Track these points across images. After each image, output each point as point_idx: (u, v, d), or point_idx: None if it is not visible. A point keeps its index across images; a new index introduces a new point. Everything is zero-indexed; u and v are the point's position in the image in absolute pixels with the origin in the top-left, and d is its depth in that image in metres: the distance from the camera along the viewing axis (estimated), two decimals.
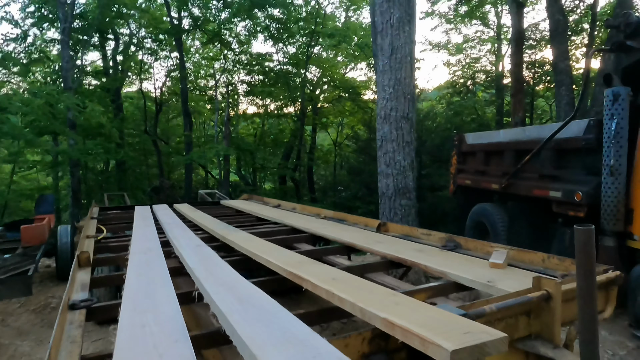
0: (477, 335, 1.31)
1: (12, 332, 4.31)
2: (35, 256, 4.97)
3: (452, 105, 18.61)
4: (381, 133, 5.29)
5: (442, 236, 3.45)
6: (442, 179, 12.97)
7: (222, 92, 19.64)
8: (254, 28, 17.34)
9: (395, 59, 4.87)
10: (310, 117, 19.22)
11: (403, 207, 5.36)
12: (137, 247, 3.34)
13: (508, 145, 5.73)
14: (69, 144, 12.57)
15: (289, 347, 1.27)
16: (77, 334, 1.78)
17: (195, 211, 5.87)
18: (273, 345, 1.28)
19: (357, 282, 2.10)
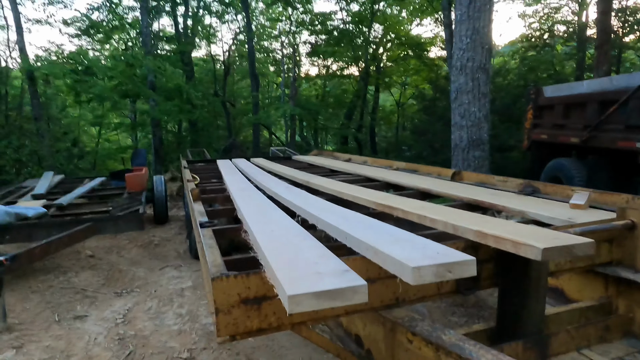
0: (566, 239, 1.50)
1: (127, 262, 5.07)
2: (140, 199, 5.69)
3: (527, 61, 17.47)
4: (456, 85, 5.27)
5: (520, 182, 3.52)
6: (512, 139, 12.51)
7: (287, 54, 19.89)
8: None
9: (473, 7, 4.77)
10: (373, 77, 19.00)
11: (477, 158, 5.39)
12: (233, 188, 3.77)
13: (592, 97, 5.48)
14: (150, 105, 13.57)
15: (400, 243, 1.53)
16: (212, 242, 2.18)
17: (272, 163, 6.31)
18: (386, 242, 1.55)
19: (443, 209, 2.33)
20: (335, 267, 1.33)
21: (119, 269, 4.75)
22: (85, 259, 5.08)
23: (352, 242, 1.68)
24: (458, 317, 3.52)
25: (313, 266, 1.35)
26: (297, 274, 1.28)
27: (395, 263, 1.33)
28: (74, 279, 4.51)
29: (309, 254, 1.51)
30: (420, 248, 1.46)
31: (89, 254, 5.17)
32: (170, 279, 4.50)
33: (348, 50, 18.46)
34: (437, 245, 1.48)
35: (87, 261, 5.01)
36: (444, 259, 1.30)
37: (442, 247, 1.46)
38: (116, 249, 5.45)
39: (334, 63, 20.26)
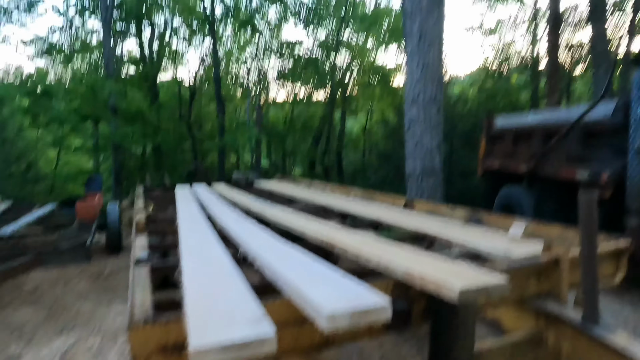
0: (484, 279, 1.55)
1: (73, 295, 4.83)
2: (90, 229, 5.48)
3: (485, 90, 18.30)
4: (409, 115, 5.46)
5: (466, 211, 3.64)
6: (473, 164, 12.94)
7: (254, 79, 20.03)
8: (284, 13, 17.55)
9: (423, 42, 5.00)
10: (340, 102, 19.36)
11: (430, 187, 5.53)
12: (184, 218, 3.70)
13: (536, 128, 5.78)
14: (111, 128, 13.27)
15: (325, 285, 1.54)
16: (146, 282, 2.12)
17: (231, 190, 6.25)
18: (311, 284, 1.55)
19: (383, 245, 2.36)
20: (252, 313, 1.32)
21: (63, 303, 4.52)
22: (27, 292, 4.81)
23: (281, 282, 1.68)
24: (409, 348, 3.53)
25: (230, 312, 1.33)
26: (211, 321, 1.26)
27: (313, 307, 1.34)
28: (12, 315, 4.26)
29: (232, 296, 1.50)
30: (342, 290, 1.47)
31: (32, 287, 4.90)
32: (118, 313, 4.32)
33: (315, 76, 18.80)
34: (359, 288, 1.49)
35: (29, 295, 4.74)
36: (359, 304, 1.31)
37: (363, 289, 1.47)
38: (63, 281, 5.20)
39: (301, 88, 20.56)
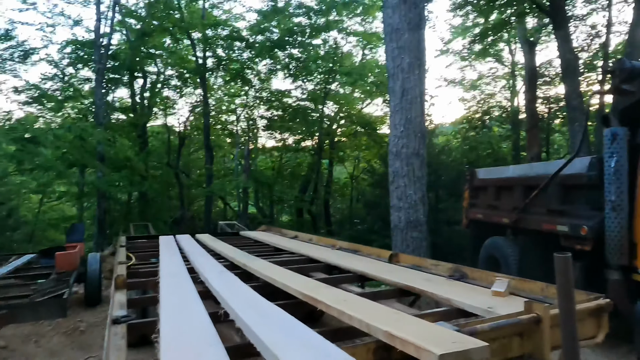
0: (464, 344, 1.54)
1: (45, 353, 4.60)
2: (68, 281, 5.32)
3: (468, 140, 18.85)
4: (393, 169, 5.60)
5: (450, 267, 3.66)
6: (458, 213, 13.07)
7: (243, 127, 20.38)
8: (274, 66, 18.18)
9: (406, 100, 5.23)
10: (327, 151, 19.69)
11: (414, 239, 5.57)
12: (165, 273, 3.64)
13: (517, 181, 5.94)
14: (97, 176, 13.20)
15: (306, 351, 1.52)
16: (122, 344, 2.06)
17: (216, 241, 6.18)
18: (292, 349, 1.53)
19: (366, 303, 2.35)
20: None
21: None
22: None
23: (261, 347, 1.65)
24: None
25: None
26: None
27: None
28: None
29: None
30: (322, 356, 1.45)
31: (1, 345, 4.66)
32: None
33: (303, 126, 19.21)
34: (339, 354, 1.47)
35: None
36: None
37: (343, 355, 1.46)
38: (35, 337, 4.96)
39: (289, 137, 20.92)
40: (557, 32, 11.76)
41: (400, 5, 5.13)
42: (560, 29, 11.53)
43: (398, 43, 5.14)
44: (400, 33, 5.11)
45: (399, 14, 5.09)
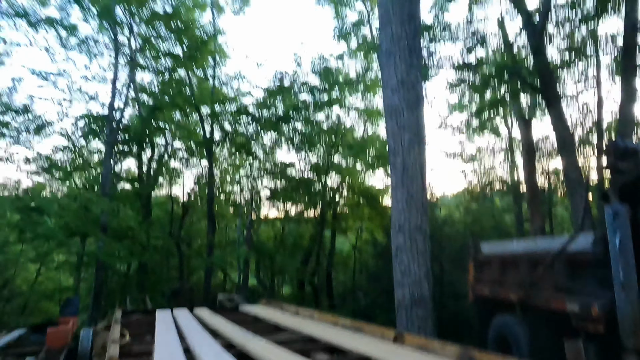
0: None
1: None
2: (58, 358, 5.07)
3: (470, 212, 18.87)
4: (396, 243, 5.57)
5: (458, 350, 3.49)
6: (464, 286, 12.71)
7: (246, 198, 20.57)
8: (279, 139, 18.79)
9: (407, 175, 5.35)
10: (330, 221, 19.66)
11: (420, 318, 5.37)
12: (159, 353, 3.49)
13: (522, 256, 5.84)
14: (98, 246, 13.11)
15: None
16: None
17: (214, 317, 5.98)
18: None
19: None
20: None
21: None
22: None
23: None
24: None
25: None
26: None
27: None
28: None
29: None
30: None
31: None
32: None
33: (306, 196, 19.38)
34: None
35: None
36: None
37: None
38: None
39: (292, 207, 21.02)
40: (551, 110, 12.25)
41: (399, 86, 5.41)
42: (553, 107, 12.02)
43: (398, 122, 5.36)
44: (399, 112, 5.35)
45: (398, 95, 5.36)
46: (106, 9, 14.43)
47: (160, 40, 16.69)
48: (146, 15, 15.97)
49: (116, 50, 15.52)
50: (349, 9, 17.33)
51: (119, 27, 15.61)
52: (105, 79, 16.47)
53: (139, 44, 16.69)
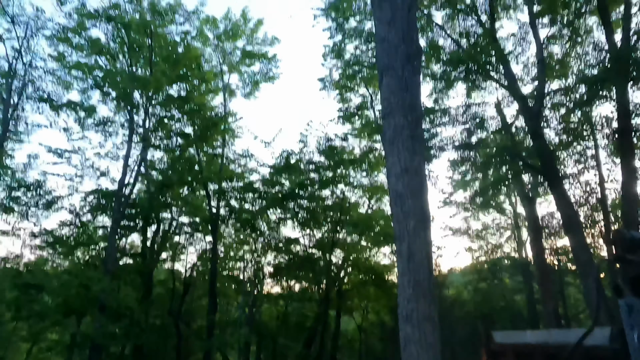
0: None
1: None
2: None
3: (479, 292, 18.30)
4: (404, 334, 5.31)
5: None
6: None
7: (249, 274, 20.18)
8: (284, 215, 18.85)
9: (413, 262, 5.25)
10: (334, 300, 19.04)
11: None
12: None
13: (537, 348, 5.56)
14: (95, 327, 12.66)
15: None
16: None
17: None
18: None
19: None
20: None
21: None
22: None
23: None
24: None
25: None
26: None
27: None
28: None
29: None
30: None
31: None
32: None
33: (310, 273, 18.98)
34: None
35: None
36: None
37: None
38: None
39: (296, 284, 20.51)
40: (553, 190, 12.37)
41: (402, 174, 5.53)
42: (555, 187, 12.14)
43: (403, 208, 5.39)
44: (404, 199, 5.40)
45: (402, 182, 5.46)
46: (125, 94, 15.33)
47: (173, 120, 17.51)
48: (162, 97, 16.92)
49: (131, 130, 16.22)
50: (353, 94, 18.34)
51: (135, 109, 16.47)
52: (118, 156, 17.04)
53: (153, 123, 17.49)
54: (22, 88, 14.66)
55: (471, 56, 13.73)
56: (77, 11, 15.43)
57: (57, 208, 16.94)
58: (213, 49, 19.18)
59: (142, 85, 15.38)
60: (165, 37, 17.00)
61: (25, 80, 14.87)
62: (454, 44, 15.64)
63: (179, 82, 16.99)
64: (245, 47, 19.35)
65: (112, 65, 16.57)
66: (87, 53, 15.95)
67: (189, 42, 17.50)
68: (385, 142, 6.47)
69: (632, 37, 12.17)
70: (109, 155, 16.99)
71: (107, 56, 16.27)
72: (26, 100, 14.77)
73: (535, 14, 13.49)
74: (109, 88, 15.72)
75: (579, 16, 13.51)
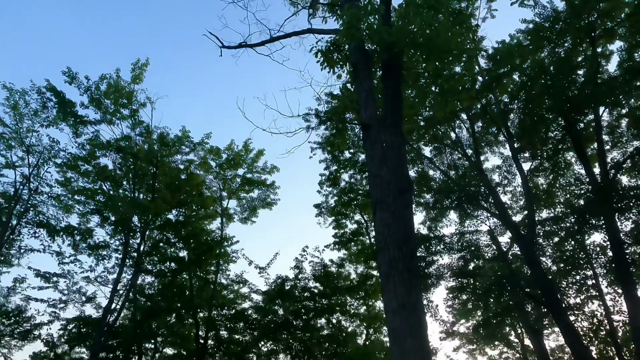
0: None
1: None
2: None
3: None
4: None
5: None
6: None
7: None
8: (276, 347, 17.60)
9: None
10: None
11: None
12: None
13: None
14: None
15: None
16: None
17: None
18: None
19: None
20: None
21: None
22: None
23: None
24: None
25: None
26: None
27: None
28: None
29: None
30: None
31: None
32: None
33: None
34: None
35: None
36: None
37: None
38: None
39: None
40: (558, 322, 11.87)
41: (400, 310, 5.42)
42: (560, 319, 11.68)
43: (402, 347, 5.16)
44: (403, 337, 5.20)
45: (400, 319, 5.32)
46: (124, 219, 15.54)
47: (168, 245, 17.42)
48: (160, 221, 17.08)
49: (124, 254, 16.04)
50: (349, 221, 18.69)
51: (132, 233, 16.51)
52: (108, 281, 16.51)
53: (148, 246, 17.36)
54: (24, 212, 14.89)
55: (461, 187, 14.40)
56: (90, 141, 16.50)
57: (33, 337, 15.85)
58: (214, 176, 20.05)
59: (142, 211, 15.69)
60: (170, 165, 17.88)
61: (28, 205, 15.19)
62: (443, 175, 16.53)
63: (178, 208, 17.37)
64: (245, 175, 20.25)
65: (115, 191, 17.10)
66: (93, 179, 16.60)
67: (192, 171, 18.36)
68: (381, 275, 6.41)
69: (610, 171, 12.99)
70: (98, 279, 16.50)
71: (111, 182, 16.90)
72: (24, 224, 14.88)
73: (516, 149, 14.56)
74: (109, 212, 15.98)
75: (557, 152, 14.56)
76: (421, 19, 7.19)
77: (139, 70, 17.22)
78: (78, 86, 16.08)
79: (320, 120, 14.24)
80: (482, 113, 15.30)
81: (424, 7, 7.47)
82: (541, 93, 12.91)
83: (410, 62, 8.64)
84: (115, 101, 16.65)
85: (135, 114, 17.19)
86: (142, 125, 17.48)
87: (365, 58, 7.59)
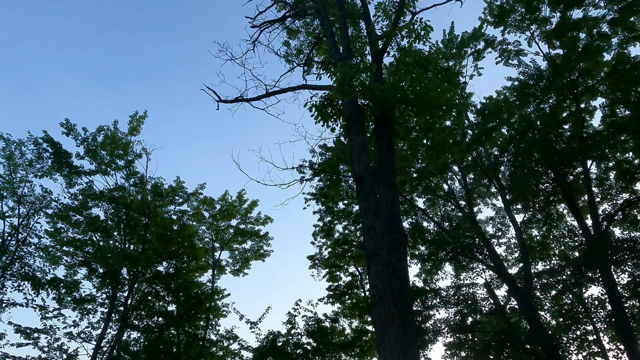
0: None
1: None
2: None
3: None
4: None
5: None
6: None
7: None
8: None
9: None
10: None
11: None
12: None
13: None
14: None
15: None
16: None
17: None
18: None
19: None
20: None
21: None
22: None
23: None
24: None
25: None
26: None
27: None
28: None
29: None
30: None
31: None
32: None
33: None
34: None
35: None
36: None
37: None
38: None
39: None
40: None
41: None
42: None
43: None
44: None
45: None
46: (112, 271, 15.12)
47: (157, 298, 16.83)
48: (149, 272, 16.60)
49: (110, 309, 15.44)
50: (343, 273, 18.32)
51: (119, 286, 15.98)
52: (91, 337, 15.74)
53: (136, 300, 16.74)
54: (9, 264, 14.45)
55: (455, 238, 14.32)
56: (82, 192, 16.39)
57: None
58: (207, 227, 19.81)
59: (132, 262, 15.32)
60: (162, 215, 17.68)
61: (14, 256, 14.77)
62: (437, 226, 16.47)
63: (169, 259, 16.99)
64: (238, 225, 20.04)
65: (105, 242, 16.76)
66: (84, 230, 16.31)
67: (184, 221, 18.16)
68: (376, 332, 6.20)
69: (602, 222, 13.04)
70: (81, 335, 15.72)
71: (102, 233, 16.60)
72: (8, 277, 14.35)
73: (509, 201, 14.66)
74: (97, 264, 15.57)
75: (549, 203, 14.68)
76: (411, 77, 7.50)
77: (137, 122, 17.51)
78: (75, 137, 16.24)
79: (314, 172, 14.39)
80: (473, 165, 15.57)
81: (414, 65, 7.81)
82: (530, 146, 13.23)
83: (402, 117, 8.89)
84: (111, 152, 16.76)
85: (130, 164, 17.27)
86: (137, 176, 17.51)
87: (358, 112, 7.80)
